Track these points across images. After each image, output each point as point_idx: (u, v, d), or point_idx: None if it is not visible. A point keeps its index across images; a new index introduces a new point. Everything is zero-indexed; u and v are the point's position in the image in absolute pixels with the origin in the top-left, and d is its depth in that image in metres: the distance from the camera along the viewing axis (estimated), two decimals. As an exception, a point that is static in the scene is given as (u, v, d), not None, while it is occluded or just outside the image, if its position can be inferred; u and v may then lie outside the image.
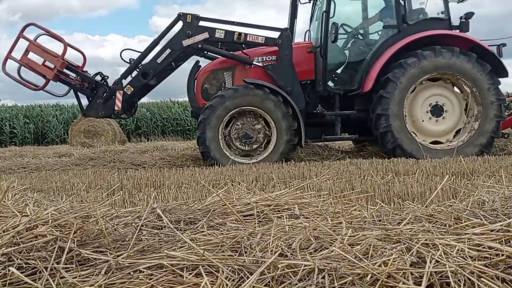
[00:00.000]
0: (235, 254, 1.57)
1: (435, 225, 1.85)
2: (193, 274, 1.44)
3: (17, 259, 1.49)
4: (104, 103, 6.43)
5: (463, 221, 1.84)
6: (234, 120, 6.23)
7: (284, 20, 7.92)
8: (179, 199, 3.31)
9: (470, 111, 6.28)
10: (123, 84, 6.48)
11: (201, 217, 2.08)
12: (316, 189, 3.56)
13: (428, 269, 1.37)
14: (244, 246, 1.62)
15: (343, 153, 7.28)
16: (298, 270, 1.39)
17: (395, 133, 6.12)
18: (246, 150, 6.27)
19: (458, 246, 1.50)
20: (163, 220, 1.92)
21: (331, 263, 1.40)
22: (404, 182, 3.91)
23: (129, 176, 4.96)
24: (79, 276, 1.47)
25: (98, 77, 6.56)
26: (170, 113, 18.19)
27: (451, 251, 1.47)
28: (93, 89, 6.49)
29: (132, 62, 6.59)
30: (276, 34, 6.56)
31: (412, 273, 1.37)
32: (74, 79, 6.47)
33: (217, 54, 6.67)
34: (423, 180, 3.99)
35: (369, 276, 1.36)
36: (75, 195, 3.82)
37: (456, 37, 6.30)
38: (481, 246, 1.53)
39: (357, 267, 1.39)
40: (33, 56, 6.27)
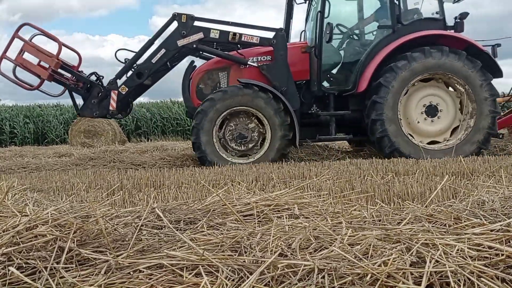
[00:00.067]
0: (235, 254, 1.57)
1: (435, 225, 1.85)
2: (193, 274, 1.43)
3: (17, 259, 1.49)
4: (99, 103, 6.43)
5: (463, 221, 1.84)
6: (227, 121, 6.22)
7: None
8: (179, 199, 3.31)
9: (464, 108, 6.27)
10: (118, 84, 6.47)
11: (201, 217, 2.08)
12: (316, 189, 3.56)
13: (428, 269, 1.37)
14: (244, 246, 1.62)
15: (343, 153, 7.29)
16: (298, 270, 1.39)
17: (391, 137, 6.11)
18: (243, 150, 6.27)
19: (458, 246, 1.50)
20: (163, 220, 1.92)
21: (331, 263, 1.40)
22: (404, 182, 3.91)
23: (129, 176, 4.97)
24: (79, 276, 1.46)
25: (93, 77, 6.55)
26: (170, 113, 18.20)
27: (451, 251, 1.47)
28: (88, 89, 6.48)
29: (127, 62, 6.58)
30: (271, 34, 6.56)
31: (412, 273, 1.37)
32: (69, 79, 6.46)
33: (212, 54, 6.67)
34: (423, 180, 3.99)
35: (369, 276, 1.36)
36: (75, 195, 3.82)
37: (451, 37, 6.30)
38: (481, 246, 1.52)
39: (357, 267, 1.39)
40: (28, 56, 6.26)
